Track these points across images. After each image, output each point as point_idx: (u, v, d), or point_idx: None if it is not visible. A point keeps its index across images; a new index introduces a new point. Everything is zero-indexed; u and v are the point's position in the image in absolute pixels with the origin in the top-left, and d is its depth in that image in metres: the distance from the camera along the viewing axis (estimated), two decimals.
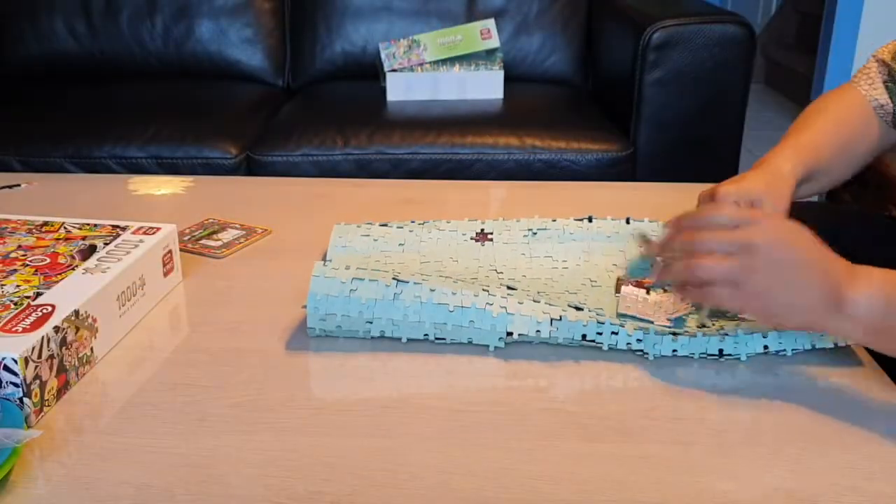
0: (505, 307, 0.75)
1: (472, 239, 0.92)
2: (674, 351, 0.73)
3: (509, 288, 0.79)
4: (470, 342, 0.76)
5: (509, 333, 0.75)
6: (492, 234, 0.93)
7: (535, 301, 0.76)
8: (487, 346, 0.76)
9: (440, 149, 1.69)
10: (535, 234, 0.92)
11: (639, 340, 0.74)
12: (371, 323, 0.76)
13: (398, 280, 0.76)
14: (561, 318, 0.74)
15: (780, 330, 0.72)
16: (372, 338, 0.77)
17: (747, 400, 0.68)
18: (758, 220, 0.66)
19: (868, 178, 1.38)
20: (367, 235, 0.93)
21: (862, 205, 1.41)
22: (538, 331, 0.75)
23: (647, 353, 0.74)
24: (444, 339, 0.76)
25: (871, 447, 0.62)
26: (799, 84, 3.89)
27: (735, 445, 0.63)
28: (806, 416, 0.67)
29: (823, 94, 1.01)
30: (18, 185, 1.23)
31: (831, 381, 0.71)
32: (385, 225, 0.96)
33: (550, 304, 0.76)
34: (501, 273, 0.87)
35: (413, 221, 0.96)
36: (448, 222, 0.95)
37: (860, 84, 0.97)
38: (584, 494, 0.58)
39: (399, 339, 0.77)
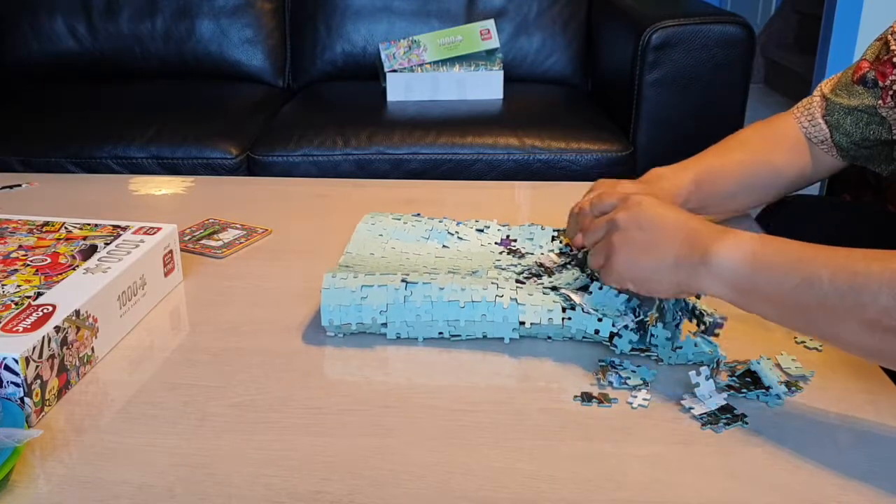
0: (515, 298, 0.75)
1: (496, 243, 0.93)
2: (689, 360, 0.73)
3: (518, 282, 0.79)
4: (485, 336, 0.77)
5: (522, 324, 0.75)
6: (516, 240, 0.94)
7: (544, 293, 0.77)
8: (503, 338, 0.76)
9: (440, 149, 1.69)
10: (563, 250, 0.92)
11: (654, 346, 0.74)
12: (385, 326, 0.77)
13: (407, 282, 0.77)
14: (574, 309, 0.75)
15: (666, 298, 0.72)
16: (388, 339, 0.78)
17: (747, 400, 0.69)
18: (625, 200, 0.73)
19: (868, 178, 1.38)
20: (399, 219, 0.96)
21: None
22: (551, 319, 0.75)
23: (660, 360, 0.74)
24: (458, 335, 0.77)
25: (872, 447, 0.62)
26: (799, 84, 3.89)
27: (735, 445, 0.63)
28: (806, 416, 0.67)
29: (756, 123, 1.03)
30: (19, 185, 1.23)
31: (831, 380, 0.71)
32: (417, 215, 0.98)
33: (560, 297, 0.77)
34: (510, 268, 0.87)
35: (445, 217, 0.98)
36: (476, 222, 0.97)
37: (800, 119, 0.99)
38: (584, 494, 0.58)
39: (416, 339, 0.77)
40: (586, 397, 0.69)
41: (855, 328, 0.59)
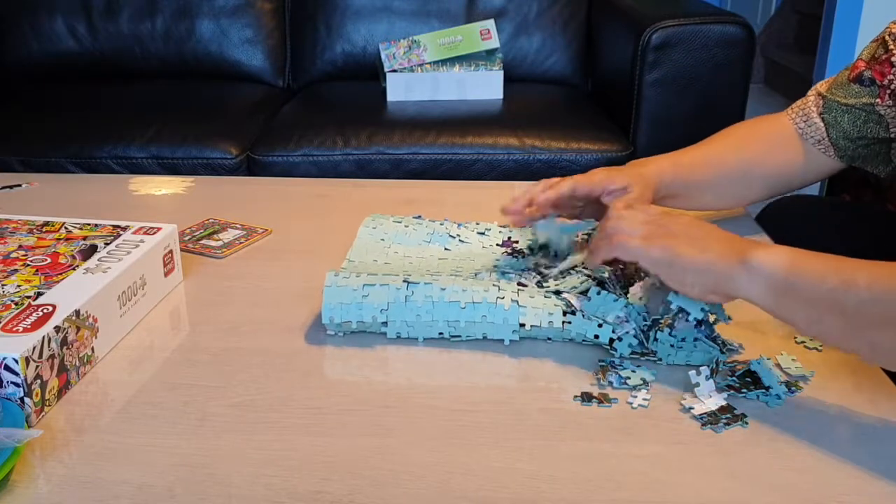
0: (516, 301, 0.75)
1: (497, 245, 0.93)
2: (688, 362, 0.73)
3: (520, 284, 0.79)
4: (485, 337, 0.77)
5: (522, 325, 0.75)
6: (517, 241, 0.94)
7: (545, 297, 0.77)
8: (503, 340, 0.76)
9: (440, 149, 1.69)
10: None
11: (654, 352, 0.74)
12: (386, 325, 0.77)
13: (409, 282, 0.77)
14: (575, 314, 0.75)
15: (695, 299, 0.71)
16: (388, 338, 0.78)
17: (747, 400, 0.69)
18: (661, 210, 0.74)
19: (868, 177, 1.38)
20: (400, 222, 0.96)
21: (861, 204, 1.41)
22: (551, 322, 0.75)
23: (660, 360, 0.74)
24: (458, 336, 0.77)
25: (872, 447, 0.62)
26: (798, 84, 3.89)
27: (735, 445, 0.63)
28: (806, 416, 0.67)
29: (749, 120, 1.03)
30: (19, 185, 1.23)
31: (831, 380, 0.71)
32: (418, 217, 0.98)
33: (562, 300, 0.77)
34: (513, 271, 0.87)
35: (446, 220, 0.98)
36: (477, 224, 0.97)
37: (794, 119, 0.98)
38: (584, 494, 0.58)
39: (416, 339, 0.77)
40: (586, 397, 0.69)
41: (893, 335, 0.59)
